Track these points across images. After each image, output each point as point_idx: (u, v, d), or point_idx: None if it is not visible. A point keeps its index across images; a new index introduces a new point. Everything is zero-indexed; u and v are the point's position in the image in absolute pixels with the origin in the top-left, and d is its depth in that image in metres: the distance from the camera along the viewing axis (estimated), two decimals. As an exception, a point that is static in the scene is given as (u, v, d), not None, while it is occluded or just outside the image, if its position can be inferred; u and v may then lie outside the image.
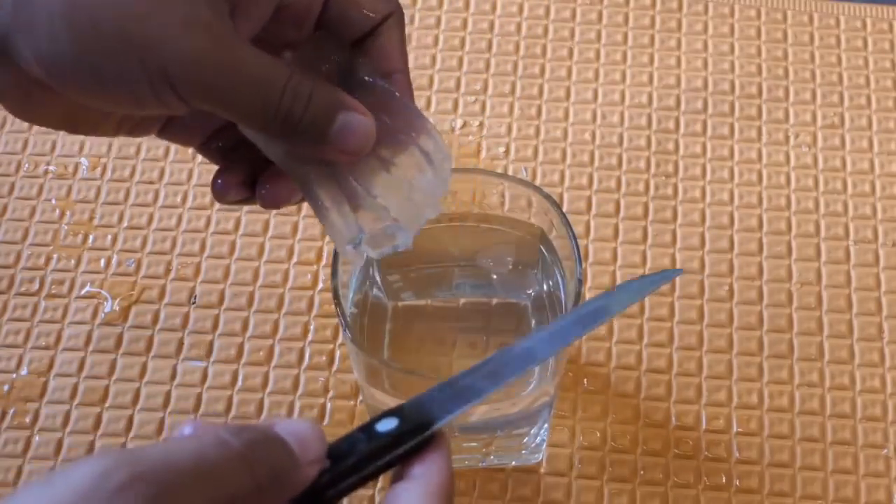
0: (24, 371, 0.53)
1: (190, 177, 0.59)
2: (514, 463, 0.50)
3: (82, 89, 0.36)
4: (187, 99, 0.36)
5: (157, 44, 0.34)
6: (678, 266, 0.56)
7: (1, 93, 0.37)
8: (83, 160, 0.59)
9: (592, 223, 0.58)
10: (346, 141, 0.37)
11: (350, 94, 0.38)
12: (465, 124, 0.61)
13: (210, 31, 0.35)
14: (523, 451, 0.50)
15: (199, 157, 0.59)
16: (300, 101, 0.36)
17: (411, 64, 0.44)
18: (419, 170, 0.39)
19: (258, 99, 0.36)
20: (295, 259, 0.56)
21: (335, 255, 0.43)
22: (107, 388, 0.53)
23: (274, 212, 0.57)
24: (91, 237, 0.57)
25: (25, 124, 0.60)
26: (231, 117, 0.37)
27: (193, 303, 0.55)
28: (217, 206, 0.58)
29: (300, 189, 0.39)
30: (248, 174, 0.40)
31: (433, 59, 0.63)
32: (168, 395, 0.52)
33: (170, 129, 0.42)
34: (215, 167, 0.62)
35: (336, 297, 0.42)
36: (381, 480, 0.50)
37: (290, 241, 0.57)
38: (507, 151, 0.60)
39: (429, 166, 0.39)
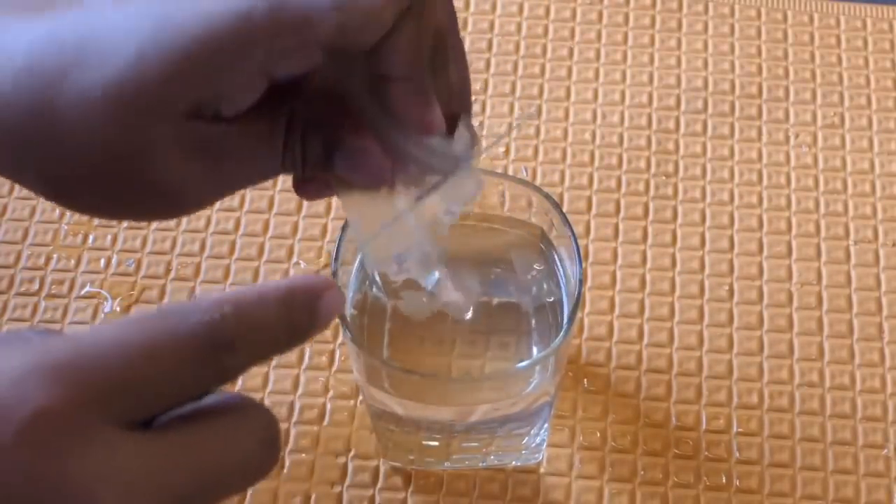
0: (24, 371, 0.53)
1: (190, 177, 0.59)
2: (514, 463, 0.50)
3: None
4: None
5: (149, 164, 0.34)
6: (678, 266, 0.56)
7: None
8: (83, 160, 0.59)
9: (592, 223, 0.58)
10: (352, 174, 0.37)
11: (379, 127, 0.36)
12: (465, 124, 0.61)
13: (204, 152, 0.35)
14: (523, 451, 0.50)
15: (199, 157, 0.59)
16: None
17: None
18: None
19: None
20: (295, 259, 0.56)
21: (335, 255, 0.43)
22: (107, 388, 0.53)
23: (274, 211, 0.57)
24: (91, 237, 0.57)
25: (25, 124, 0.60)
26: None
27: (193, 303, 0.55)
28: (217, 206, 0.58)
29: None
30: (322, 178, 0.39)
31: (433, 58, 0.63)
32: (168, 395, 0.52)
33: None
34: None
35: (336, 297, 0.42)
36: (382, 480, 0.50)
37: (290, 241, 0.57)
38: (507, 151, 0.60)
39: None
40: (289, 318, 0.30)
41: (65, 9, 0.34)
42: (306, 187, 0.39)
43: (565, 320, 0.43)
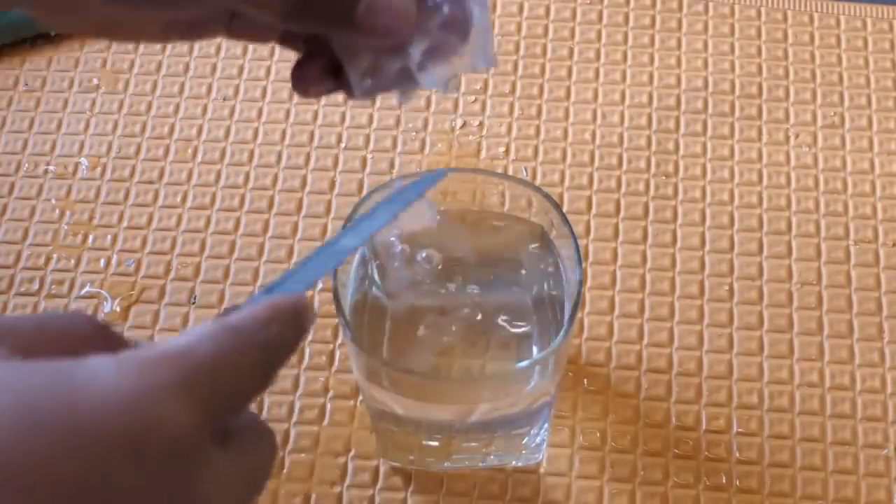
0: (23, 371, 0.53)
1: (190, 177, 0.59)
2: (514, 463, 0.50)
3: None
4: None
5: None
6: (678, 266, 0.56)
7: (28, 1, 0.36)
8: (83, 160, 0.59)
9: (592, 223, 0.58)
10: (374, 22, 0.34)
11: None
12: (464, 124, 0.61)
13: None
14: (523, 451, 0.50)
15: (199, 157, 0.59)
16: None
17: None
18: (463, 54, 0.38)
19: None
20: (295, 259, 0.56)
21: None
22: (107, 388, 0.53)
23: (274, 211, 0.57)
24: (91, 237, 0.57)
25: (25, 124, 0.60)
26: (264, 15, 0.35)
27: (193, 303, 0.55)
28: (217, 205, 0.58)
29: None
30: (330, 60, 0.37)
31: (433, 58, 0.63)
32: (168, 394, 0.52)
33: (238, 28, 0.39)
34: (216, 165, 0.62)
35: (336, 297, 0.42)
36: (382, 480, 0.50)
37: (290, 241, 0.57)
38: (507, 151, 0.60)
39: (478, 48, 0.37)
40: (300, 334, 0.32)
41: None
42: (304, 75, 0.38)
43: (565, 320, 0.43)
